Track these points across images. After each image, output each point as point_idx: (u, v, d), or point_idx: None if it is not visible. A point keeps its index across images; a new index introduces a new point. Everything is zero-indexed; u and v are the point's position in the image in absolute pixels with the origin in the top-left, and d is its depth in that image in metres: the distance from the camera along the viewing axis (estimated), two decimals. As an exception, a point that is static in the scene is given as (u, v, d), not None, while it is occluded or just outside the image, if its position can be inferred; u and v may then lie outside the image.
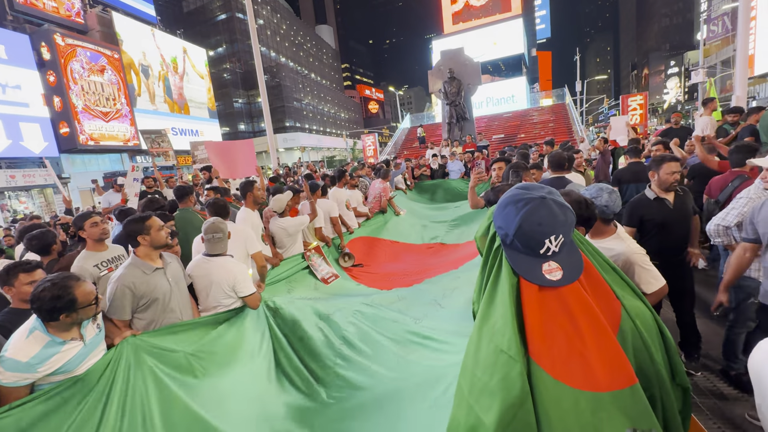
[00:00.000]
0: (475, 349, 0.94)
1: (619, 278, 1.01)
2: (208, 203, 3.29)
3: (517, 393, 0.82)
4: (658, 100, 63.59)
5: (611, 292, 0.94)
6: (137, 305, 2.24)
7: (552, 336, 0.85)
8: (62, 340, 1.71)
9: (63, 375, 1.72)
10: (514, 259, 0.91)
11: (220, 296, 2.53)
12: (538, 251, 0.87)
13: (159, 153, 6.14)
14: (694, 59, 38.39)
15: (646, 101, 12.65)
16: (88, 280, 1.79)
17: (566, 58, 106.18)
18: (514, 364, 0.84)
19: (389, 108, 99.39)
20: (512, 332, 0.86)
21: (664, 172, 2.67)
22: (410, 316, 2.80)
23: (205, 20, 47.99)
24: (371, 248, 5.02)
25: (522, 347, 0.86)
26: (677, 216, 2.70)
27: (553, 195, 0.90)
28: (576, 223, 0.92)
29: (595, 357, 0.82)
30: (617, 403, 0.81)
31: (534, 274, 0.88)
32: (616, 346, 0.84)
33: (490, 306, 0.94)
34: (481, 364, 0.90)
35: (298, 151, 46.16)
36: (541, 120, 21.46)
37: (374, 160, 17.62)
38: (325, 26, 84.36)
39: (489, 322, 0.92)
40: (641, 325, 0.93)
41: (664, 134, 6.51)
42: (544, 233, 0.86)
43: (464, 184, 7.68)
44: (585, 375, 0.81)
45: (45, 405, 1.60)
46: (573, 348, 0.83)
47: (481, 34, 34.74)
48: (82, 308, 1.70)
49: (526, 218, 0.87)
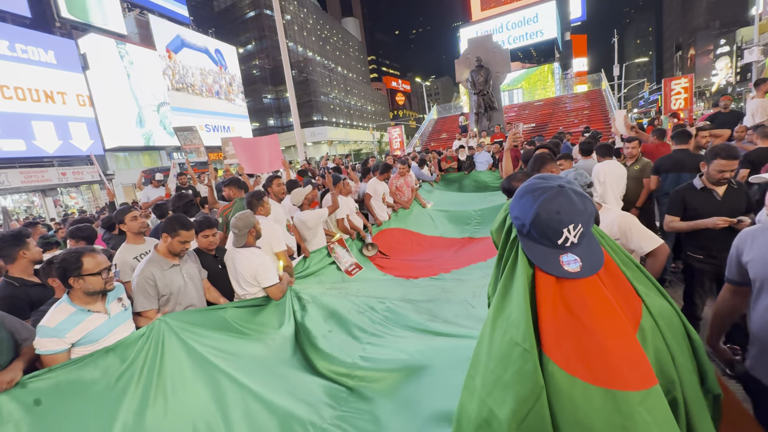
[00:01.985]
0: (489, 341, 0.91)
1: (643, 276, 0.95)
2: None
3: (532, 386, 0.80)
4: (705, 83, 59.11)
5: (632, 289, 0.89)
6: (159, 296, 2.39)
7: (567, 330, 0.82)
8: (87, 310, 1.90)
9: (92, 345, 1.89)
10: (530, 249, 0.88)
11: (246, 285, 2.67)
12: (556, 241, 0.84)
13: (191, 149, 6.39)
14: (747, 37, 35.23)
15: (691, 84, 11.81)
16: (101, 255, 1.94)
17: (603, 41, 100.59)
18: (529, 356, 0.81)
19: (416, 99, 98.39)
20: (527, 324, 0.83)
21: (713, 168, 2.48)
22: (441, 319, 2.81)
23: (234, 18, 49.23)
24: (398, 240, 5.03)
25: (536, 340, 0.83)
26: (725, 210, 2.47)
27: (571, 185, 0.86)
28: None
29: (612, 353, 0.78)
30: (649, 403, 0.76)
31: (551, 265, 0.85)
32: (635, 344, 0.80)
33: (504, 297, 0.92)
34: (495, 356, 0.88)
35: (325, 144, 46.72)
36: (575, 108, 20.48)
37: (401, 152, 17.52)
38: (351, 19, 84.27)
39: (503, 313, 0.90)
40: (664, 325, 0.88)
41: (711, 119, 6.05)
42: (562, 222, 0.83)
43: (492, 176, 7.49)
44: (600, 370, 0.78)
45: (80, 370, 1.75)
46: (588, 343, 0.80)
47: (511, 19, 33.49)
48: (89, 275, 1.85)
49: (543, 206, 0.84)
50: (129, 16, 25.86)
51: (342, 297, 3.11)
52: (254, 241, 2.77)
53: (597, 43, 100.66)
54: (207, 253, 2.83)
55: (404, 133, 21.01)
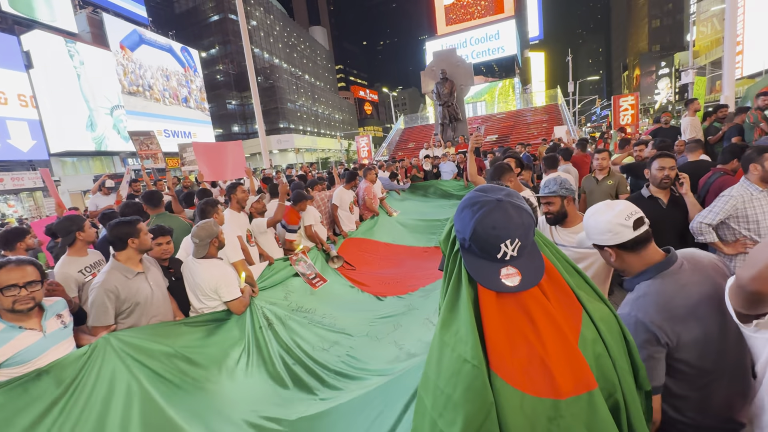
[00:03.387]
0: (438, 358, 0.89)
1: (584, 281, 0.98)
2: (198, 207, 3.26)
3: (481, 404, 0.79)
4: (649, 101, 64.23)
5: (573, 296, 0.90)
6: (120, 310, 2.21)
7: (512, 343, 0.82)
8: (19, 327, 1.73)
9: (23, 366, 1.71)
10: (471, 263, 0.88)
11: (205, 299, 2.53)
12: (495, 256, 0.83)
13: (148, 155, 6.05)
14: (684, 60, 38.85)
15: (637, 102, 12.76)
16: (25, 267, 1.74)
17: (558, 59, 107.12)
18: (479, 373, 0.80)
19: (383, 109, 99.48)
20: (474, 339, 0.83)
21: (654, 168, 2.68)
22: (405, 351, 2.68)
23: (197, 21, 47.74)
24: (364, 250, 4.98)
25: (484, 356, 0.82)
26: (669, 217, 2.64)
27: (510, 198, 0.86)
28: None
29: (554, 363, 0.79)
30: (574, 409, 0.79)
31: (490, 280, 0.84)
32: (575, 352, 0.81)
33: (451, 312, 0.90)
34: (444, 374, 0.86)
35: (292, 152, 46.02)
36: (535, 120, 21.56)
37: (368, 161, 17.57)
38: (319, 27, 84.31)
39: (451, 329, 0.88)
40: (605, 330, 0.89)
41: (654, 134, 6.56)
42: (498, 237, 0.82)
43: (457, 185, 7.66)
44: (545, 382, 0.79)
45: (7, 395, 1.58)
46: (533, 355, 0.81)
47: (474, 35, 34.91)
48: (4, 288, 1.67)
49: (480, 221, 0.83)
50: (81, 13, 24.43)
51: (307, 325, 2.97)
52: (216, 251, 2.64)
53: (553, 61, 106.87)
54: (160, 263, 2.67)
55: (372, 142, 21.13)
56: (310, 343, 2.75)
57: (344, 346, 2.80)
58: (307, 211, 4.35)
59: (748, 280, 0.93)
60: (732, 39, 8.75)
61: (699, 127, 6.14)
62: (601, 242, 1.33)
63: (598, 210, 1.34)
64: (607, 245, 1.32)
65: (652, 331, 1.20)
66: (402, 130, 26.32)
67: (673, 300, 1.22)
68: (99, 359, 1.85)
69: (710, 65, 31.11)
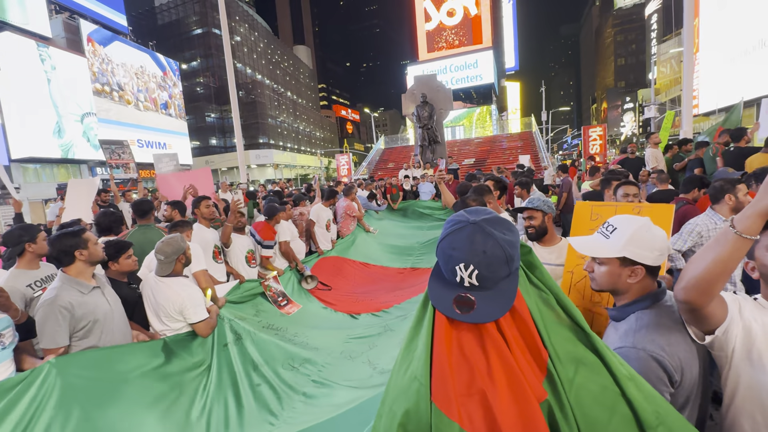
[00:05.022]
0: (396, 374, 0.86)
1: (572, 335, 0.83)
2: (171, 224, 3.13)
3: (416, 427, 0.75)
4: (616, 132, 68.16)
5: (539, 345, 0.79)
6: (75, 329, 2.01)
7: (454, 371, 0.77)
8: None
9: None
10: (433, 281, 0.85)
11: (168, 320, 2.36)
12: (454, 279, 0.79)
13: (118, 165, 5.79)
14: (646, 97, 41.65)
15: (605, 133, 13.50)
16: None
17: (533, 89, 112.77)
18: (425, 392, 0.76)
19: (364, 129, 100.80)
20: (426, 358, 0.79)
21: (620, 195, 2.78)
22: (378, 370, 2.63)
23: (179, 33, 47.44)
24: (340, 269, 4.90)
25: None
26: None
27: (487, 223, 0.79)
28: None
29: (496, 406, 0.72)
30: None
31: (441, 302, 0.81)
32: (525, 398, 0.73)
33: (416, 328, 0.87)
34: (395, 392, 0.82)
35: (270, 168, 45.56)
36: (510, 146, 22.34)
37: (348, 179, 17.59)
38: (303, 47, 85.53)
39: (411, 345, 0.86)
40: (575, 390, 0.77)
41: (621, 163, 6.92)
42: (452, 258, 0.79)
43: (435, 205, 7.75)
44: (480, 421, 0.73)
45: None
46: (472, 389, 0.75)
47: (454, 62, 36.30)
48: None
49: (447, 239, 0.81)
50: (56, 18, 23.79)
51: (278, 343, 2.83)
52: (182, 269, 2.47)
53: (528, 91, 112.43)
54: (120, 280, 2.51)
55: (352, 160, 21.25)
56: (279, 361, 2.64)
57: (317, 365, 2.71)
58: (283, 227, 4.25)
59: (678, 290, 0.96)
60: (689, 79, 9.46)
61: (661, 157, 6.55)
62: (642, 258, 1.14)
63: (651, 225, 1.18)
64: (646, 263, 1.15)
65: (665, 368, 1.03)
66: (382, 150, 26.65)
67: (672, 333, 1.09)
68: (40, 384, 1.67)
69: (670, 102, 33.49)
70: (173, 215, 3.74)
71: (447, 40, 37.33)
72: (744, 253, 0.90)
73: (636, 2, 76.11)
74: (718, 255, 0.90)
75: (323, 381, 2.54)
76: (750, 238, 0.87)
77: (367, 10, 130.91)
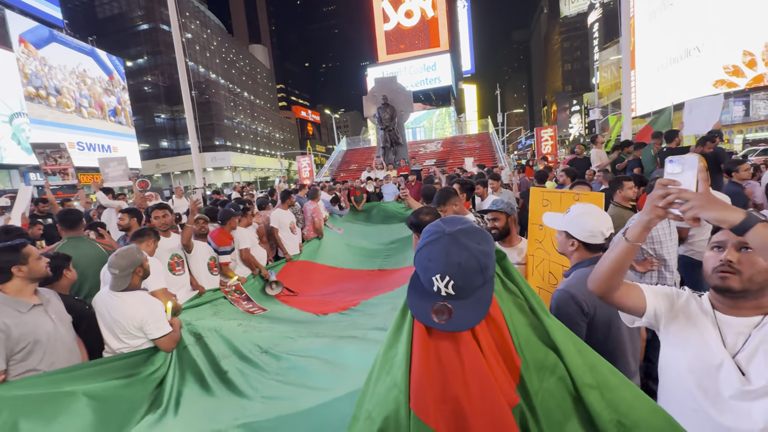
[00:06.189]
0: (375, 379, 0.87)
1: (540, 338, 0.87)
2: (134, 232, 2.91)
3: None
4: (565, 133, 72.54)
5: (512, 352, 0.83)
6: (12, 352, 1.83)
7: (431, 379, 0.80)
8: None
9: None
10: (411, 290, 0.88)
11: (126, 337, 2.20)
12: (431, 288, 0.83)
13: (55, 171, 5.32)
14: (591, 100, 44.72)
15: (555, 133, 14.31)
16: None
17: (488, 92, 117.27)
18: (404, 400, 0.79)
19: (325, 130, 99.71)
20: (407, 366, 0.81)
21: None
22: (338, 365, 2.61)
23: (123, 29, 44.41)
24: (307, 274, 4.82)
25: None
26: None
27: (462, 234, 0.82)
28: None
29: (470, 412, 0.76)
30: None
31: (420, 311, 0.83)
32: (497, 405, 0.76)
33: (396, 333, 0.89)
34: (374, 398, 0.84)
35: (228, 171, 43.83)
36: (469, 147, 23.06)
37: (310, 181, 17.32)
38: (259, 46, 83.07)
39: (392, 350, 0.87)
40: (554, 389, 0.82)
41: (571, 163, 7.39)
42: (428, 269, 0.82)
43: (399, 206, 7.84)
44: (456, 427, 0.76)
45: None
46: (449, 396, 0.78)
47: (413, 65, 36.92)
48: None
49: (424, 250, 0.84)
50: (-24, 8, 21.43)
51: (242, 334, 2.77)
52: (140, 282, 2.33)
53: (484, 93, 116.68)
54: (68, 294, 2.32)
55: (314, 162, 20.93)
56: (247, 347, 2.60)
57: (285, 347, 2.70)
58: (242, 233, 4.10)
59: (588, 282, 1.18)
60: (628, 84, 10.27)
61: (604, 156, 7.09)
62: (576, 234, 1.59)
63: (590, 212, 1.60)
64: (579, 239, 1.58)
65: (578, 302, 1.46)
66: (344, 151, 26.49)
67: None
68: None
69: (611, 105, 36.18)
70: (131, 224, 3.48)
71: (405, 42, 37.91)
72: (633, 255, 1.09)
73: (580, 11, 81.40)
74: (614, 256, 1.10)
75: (295, 357, 2.55)
76: (636, 244, 1.06)
77: (325, 10, 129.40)
